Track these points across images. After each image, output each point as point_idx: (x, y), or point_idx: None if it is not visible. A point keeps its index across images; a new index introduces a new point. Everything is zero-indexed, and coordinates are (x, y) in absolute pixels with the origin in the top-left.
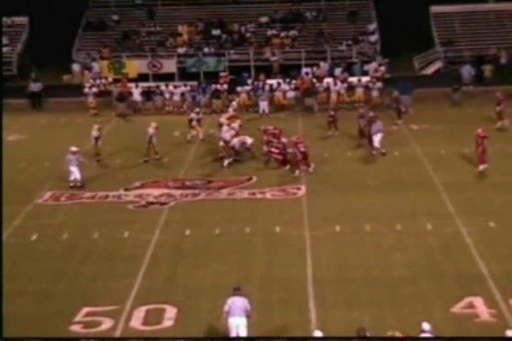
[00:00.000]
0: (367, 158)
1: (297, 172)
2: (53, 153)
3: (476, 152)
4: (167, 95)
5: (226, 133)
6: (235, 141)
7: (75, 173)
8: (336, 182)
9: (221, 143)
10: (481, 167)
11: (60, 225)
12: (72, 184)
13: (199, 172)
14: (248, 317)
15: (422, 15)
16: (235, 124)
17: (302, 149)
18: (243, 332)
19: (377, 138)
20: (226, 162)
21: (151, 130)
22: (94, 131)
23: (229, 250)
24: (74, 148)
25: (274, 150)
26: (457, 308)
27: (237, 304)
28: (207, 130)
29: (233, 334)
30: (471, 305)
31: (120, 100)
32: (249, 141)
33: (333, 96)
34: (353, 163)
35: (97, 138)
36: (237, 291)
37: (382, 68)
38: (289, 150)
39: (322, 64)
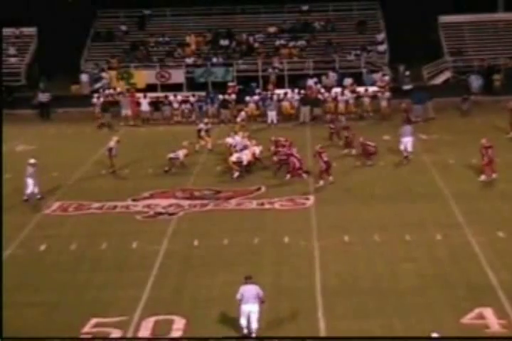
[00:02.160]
0: (375, 168)
1: (321, 182)
2: (61, 164)
3: (482, 162)
4: (175, 105)
5: (243, 155)
6: (244, 157)
7: (30, 186)
8: (345, 191)
9: (233, 159)
10: (483, 177)
11: (68, 236)
12: (26, 197)
13: (207, 182)
14: (262, 302)
15: (430, 25)
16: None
17: (326, 159)
18: (255, 317)
19: (408, 143)
20: (236, 174)
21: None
22: (113, 142)
23: (237, 260)
24: (32, 160)
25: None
26: (467, 319)
27: (250, 292)
28: (215, 140)
29: (244, 319)
30: (481, 316)
31: (104, 110)
32: (257, 151)
33: (341, 106)
34: (361, 173)
35: (110, 150)
36: (248, 280)
37: (387, 78)
38: (276, 158)
39: (331, 74)
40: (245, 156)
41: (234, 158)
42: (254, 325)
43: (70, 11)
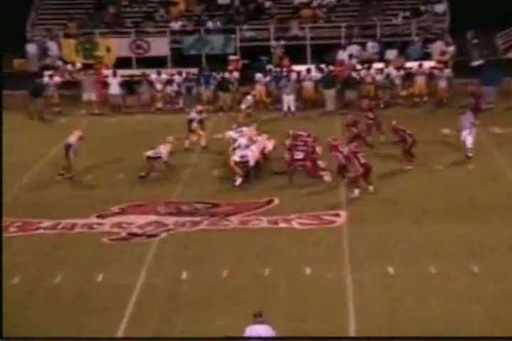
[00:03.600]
0: (429, 173)
1: (356, 191)
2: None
3: None
4: (158, 86)
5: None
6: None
7: None
8: (388, 205)
9: (235, 159)
10: None
11: (10, 265)
12: None
13: (200, 192)
14: None
15: None
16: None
17: (363, 161)
18: None
19: (468, 137)
20: (239, 181)
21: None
22: (73, 137)
23: (241, 298)
24: None
25: (298, 155)
26: None
27: (259, 333)
28: (211, 134)
29: None
30: None
31: (35, 94)
32: (269, 146)
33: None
34: (409, 180)
35: (68, 147)
36: (257, 318)
37: (451, 49)
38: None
39: (370, 44)
40: (251, 154)
41: (237, 157)
42: None
43: None
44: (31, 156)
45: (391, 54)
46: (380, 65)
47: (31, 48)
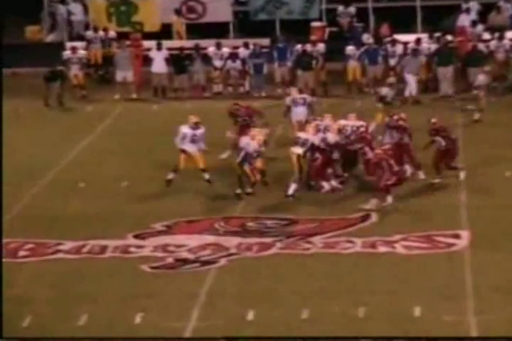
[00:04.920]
0: None
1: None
2: (7, 169)
3: None
4: (216, 63)
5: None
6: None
7: None
8: None
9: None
10: None
11: (19, 301)
12: None
13: (271, 204)
14: None
15: None
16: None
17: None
18: None
19: None
20: (326, 187)
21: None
22: (188, 126)
23: None
24: None
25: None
26: None
27: None
28: (286, 129)
29: None
30: None
31: (51, 79)
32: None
33: None
34: None
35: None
36: None
37: None
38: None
39: (504, 4)
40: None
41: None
42: None
43: None
44: (46, 157)
45: None
46: None
47: (48, 13)
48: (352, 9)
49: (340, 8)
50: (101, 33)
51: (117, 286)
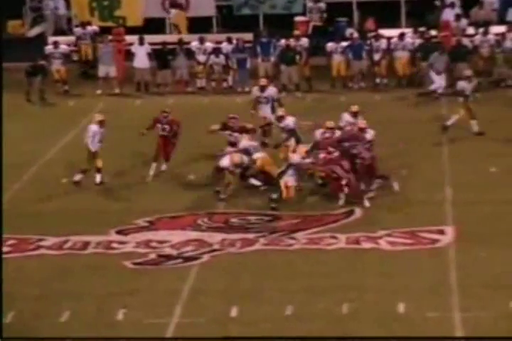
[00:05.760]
0: None
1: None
2: None
3: None
4: (199, 58)
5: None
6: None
7: None
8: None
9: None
10: None
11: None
12: None
13: (255, 200)
14: None
15: None
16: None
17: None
18: None
19: None
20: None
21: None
22: (94, 124)
23: None
24: None
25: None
26: None
27: None
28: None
29: None
30: None
31: (33, 74)
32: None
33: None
34: None
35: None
36: None
37: None
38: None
39: None
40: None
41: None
42: None
43: None
44: (28, 153)
45: None
46: (500, 29)
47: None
48: (322, 5)
49: (310, 3)
50: (89, 28)
51: (100, 282)
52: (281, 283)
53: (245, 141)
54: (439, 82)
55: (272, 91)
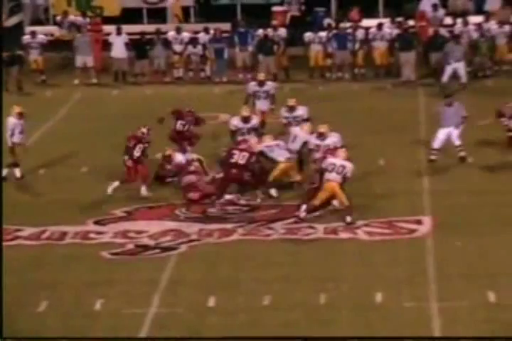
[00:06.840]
0: None
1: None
2: None
3: None
4: (176, 48)
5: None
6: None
7: None
8: (489, 209)
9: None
10: None
11: None
12: None
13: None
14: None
15: None
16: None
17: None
18: None
19: None
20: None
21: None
22: (13, 116)
23: (292, 332)
24: None
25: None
26: None
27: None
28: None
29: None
30: None
31: (10, 63)
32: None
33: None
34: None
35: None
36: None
37: None
38: None
39: None
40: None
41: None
42: None
43: None
44: (4, 143)
45: (493, 3)
46: (477, 19)
47: None
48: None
49: None
50: (79, 18)
51: (77, 272)
52: (259, 273)
53: (269, 141)
54: (460, 71)
55: (270, 86)
